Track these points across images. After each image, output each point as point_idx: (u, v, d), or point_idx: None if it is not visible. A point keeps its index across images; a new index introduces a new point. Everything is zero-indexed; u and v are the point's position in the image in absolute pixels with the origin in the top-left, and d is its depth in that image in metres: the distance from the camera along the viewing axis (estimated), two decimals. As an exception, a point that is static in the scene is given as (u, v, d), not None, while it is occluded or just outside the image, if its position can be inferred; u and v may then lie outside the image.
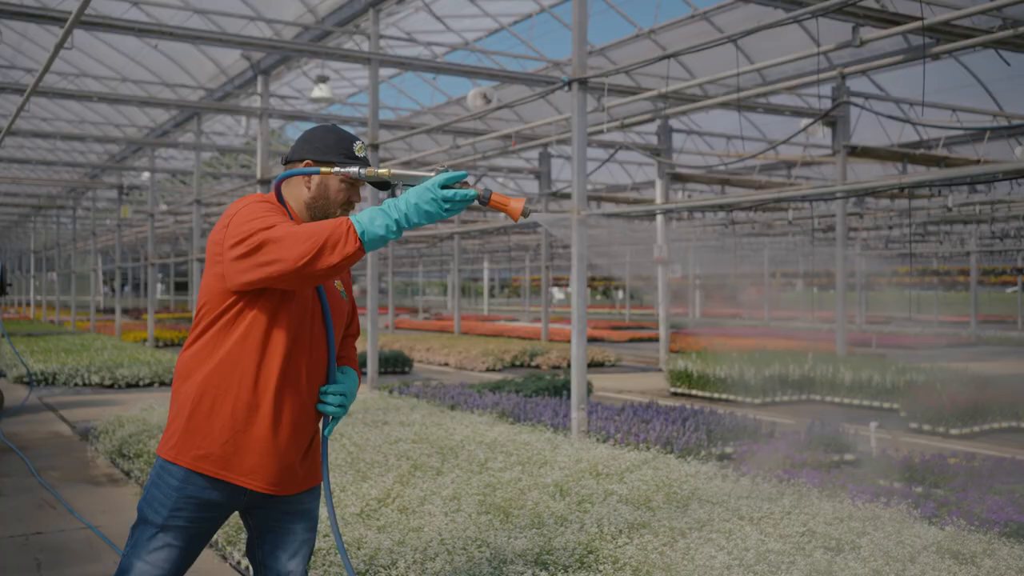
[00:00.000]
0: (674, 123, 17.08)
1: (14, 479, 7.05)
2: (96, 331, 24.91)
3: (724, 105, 12.75)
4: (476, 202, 2.36)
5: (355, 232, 2.32)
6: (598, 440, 7.26)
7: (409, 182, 2.49)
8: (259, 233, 2.39)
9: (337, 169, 2.58)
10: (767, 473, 5.94)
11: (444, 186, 2.34)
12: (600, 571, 3.82)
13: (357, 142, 2.72)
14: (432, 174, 2.39)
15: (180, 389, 2.62)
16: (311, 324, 2.68)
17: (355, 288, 4.30)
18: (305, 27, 12.56)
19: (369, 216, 2.35)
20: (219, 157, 27.33)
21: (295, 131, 33.76)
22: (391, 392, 10.39)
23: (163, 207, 24.17)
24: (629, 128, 15.83)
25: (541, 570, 3.83)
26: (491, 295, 59.32)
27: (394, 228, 2.33)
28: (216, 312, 2.59)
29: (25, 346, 17.70)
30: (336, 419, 2.75)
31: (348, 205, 2.72)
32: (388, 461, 5.96)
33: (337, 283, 2.83)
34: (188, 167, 19.89)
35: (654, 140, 16.62)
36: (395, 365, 15.98)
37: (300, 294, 2.63)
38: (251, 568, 2.87)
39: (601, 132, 15.89)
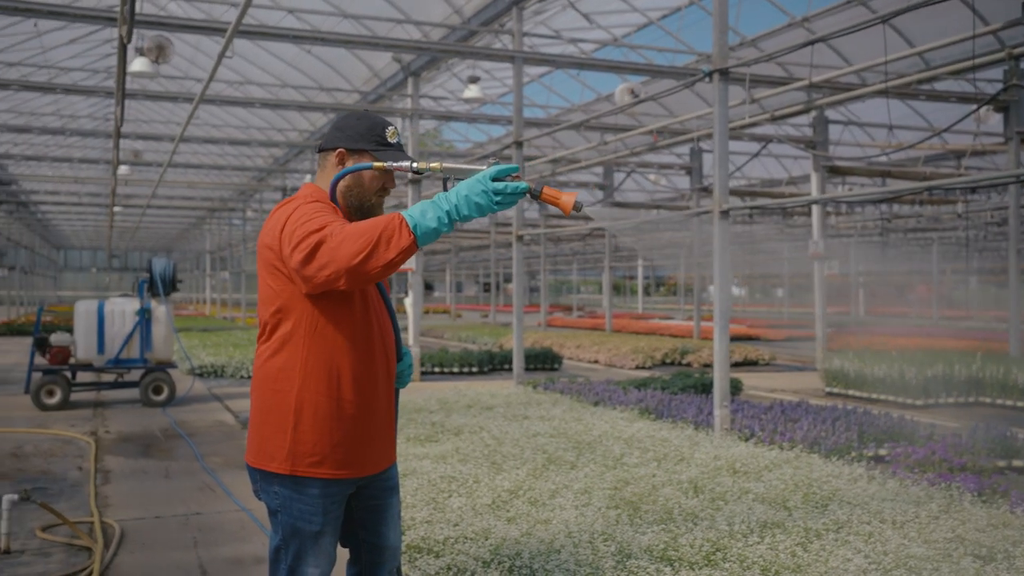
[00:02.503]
0: (831, 114, 16.44)
1: (181, 463, 7.51)
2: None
3: (881, 93, 12.15)
4: (528, 196, 2.33)
5: (408, 226, 2.30)
6: (741, 438, 7.08)
7: (460, 175, 2.47)
8: (312, 235, 2.40)
9: (390, 164, 2.58)
10: (918, 476, 5.64)
11: (495, 179, 2.31)
12: (726, 570, 3.73)
13: (389, 127, 2.71)
14: (483, 167, 2.36)
15: (273, 402, 2.64)
16: (376, 309, 2.73)
17: (510, 286, 4.33)
18: (451, 28, 12.80)
19: (420, 209, 2.33)
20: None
21: (450, 132, 34.55)
22: (535, 388, 10.46)
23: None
24: (782, 120, 15.36)
25: (666, 566, 3.77)
26: (646, 293, 58.77)
27: (446, 220, 2.31)
28: (292, 317, 2.62)
29: (199, 340, 18.82)
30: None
31: (383, 192, 2.72)
32: (524, 454, 6.01)
33: None
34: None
35: (810, 132, 16.04)
36: (544, 362, 16.07)
37: None
38: (349, 552, 2.94)
39: (753, 125, 15.51)
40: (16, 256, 38.49)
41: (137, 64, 13.73)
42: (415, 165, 2.55)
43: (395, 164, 2.58)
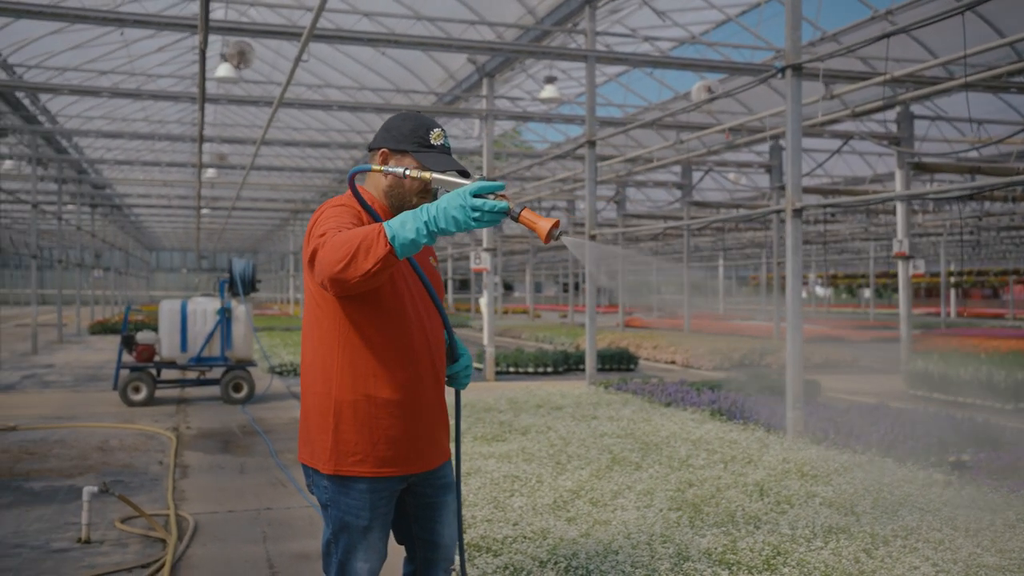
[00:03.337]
0: (917, 109, 15.96)
1: (256, 459, 7.69)
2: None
3: (969, 86, 11.74)
4: (508, 216, 2.26)
5: (385, 236, 2.29)
6: (813, 441, 6.93)
7: (446, 187, 2.47)
8: (316, 241, 2.45)
9: (386, 168, 2.57)
10: (998, 484, 5.44)
11: (478, 195, 2.26)
12: (785, 574, 3.66)
13: (435, 129, 2.71)
14: (468, 183, 2.34)
15: (313, 403, 2.71)
16: (419, 305, 2.74)
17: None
18: (524, 28, 12.82)
19: (401, 220, 2.32)
20: (457, 159, 28.44)
21: (529, 133, 34.61)
22: (606, 388, 10.42)
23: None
24: (864, 116, 14.97)
25: (723, 570, 3.72)
26: (728, 293, 57.93)
27: (424, 232, 2.28)
28: (327, 319, 2.68)
29: (280, 340, 19.24)
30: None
31: (425, 193, 2.72)
32: (590, 454, 5.99)
33: (430, 258, 2.88)
34: (422, 170, 20.83)
35: (895, 128, 15.60)
36: (619, 362, 15.98)
37: (399, 279, 2.68)
38: (405, 550, 2.97)
39: (834, 122, 15.15)
40: (111, 258, 39.95)
41: (221, 70, 14.12)
42: (407, 172, 2.54)
43: (390, 169, 2.57)
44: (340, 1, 14.54)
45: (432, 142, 2.70)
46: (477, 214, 2.24)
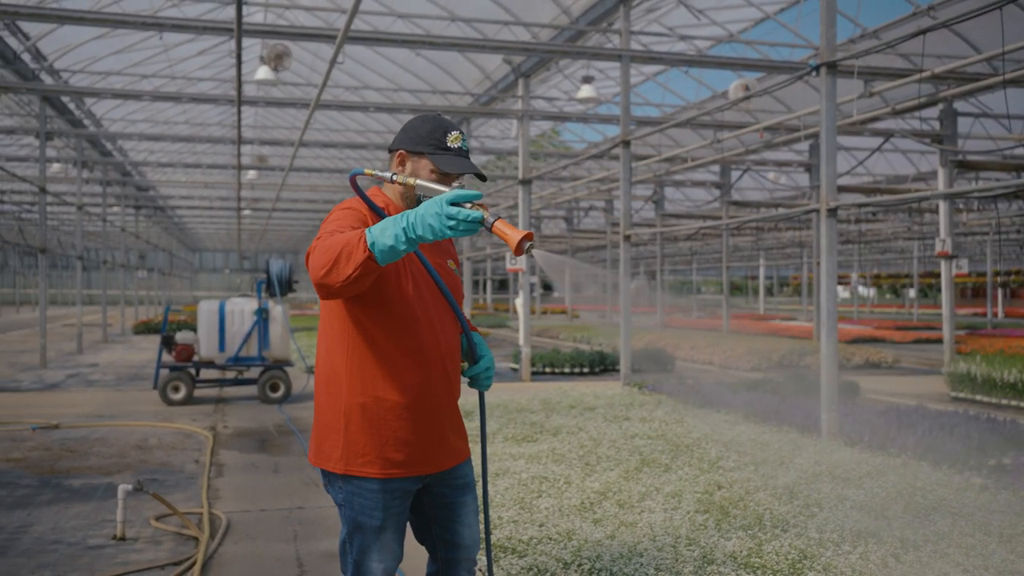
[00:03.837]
0: (962, 105, 15.69)
1: (290, 458, 7.77)
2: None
3: (1010, 83, 11.51)
4: (483, 226, 2.26)
5: (365, 243, 2.30)
6: (847, 443, 6.84)
7: (427, 193, 2.49)
8: (313, 244, 2.49)
9: (379, 173, 2.60)
10: (1037, 487, 5.34)
11: (455, 203, 2.26)
12: (810, 579, 3.62)
13: (452, 132, 2.71)
14: (447, 190, 2.35)
15: (325, 404, 2.75)
16: (431, 307, 2.74)
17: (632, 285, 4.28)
18: (559, 28, 12.80)
19: (381, 227, 2.32)
20: (495, 160, 28.50)
21: (567, 133, 34.53)
22: (640, 389, 10.37)
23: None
24: (906, 114, 14.74)
25: (748, 573, 3.69)
26: (769, 293, 57.33)
27: (403, 238, 2.27)
28: (336, 321, 2.72)
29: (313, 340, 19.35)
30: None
31: None
32: (619, 455, 5.97)
33: (449, 262, 2.88)
34: (459, 170, 20.88)
35: (938, 126, 15.34)
36: (656, 363, 15.87)
37: (408, 282, 2.70)
38: (427, 550, 2.98)
39: (875, 120, 14.95)
40: (155, 258, 40.56)
41: (260, 72, 14.27)
42: (395, 177, 2.57)
43: (380, 174, 2.60)
44: (376, 3, 14.63)
45: (449, 144, 2.69)
46: (452, 222, 2.23)
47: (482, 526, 3.24)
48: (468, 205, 2.26)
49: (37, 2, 12.43)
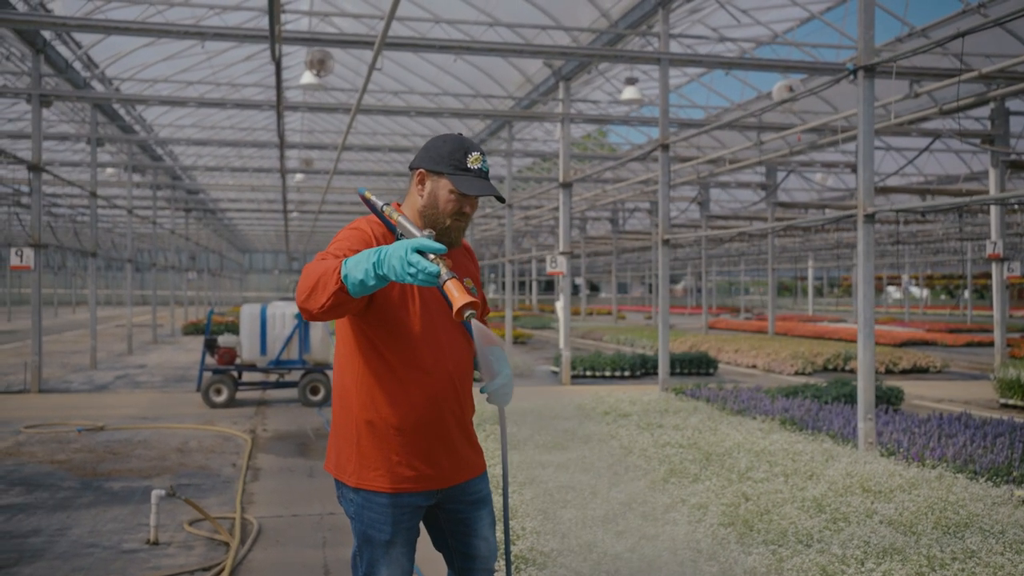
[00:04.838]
0: (1015, 104, 15.34)
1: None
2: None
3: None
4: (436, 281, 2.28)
5: (339, 274, 2.33)
6: (883, 454, 6.73)
7: (403, 231, 2.53)
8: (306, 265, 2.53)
9: (374, 199, 2.66)
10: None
11: (421, 252, 2.27)
12: (830, 597, 3.57)
13: (473, 153, 2.71)
14: (421, 234, 2.39)
15: (340, 417, 2.79)
16: (440, 324, 2.74)
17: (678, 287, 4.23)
18: (599, 32, 12.76)
19: (356, 260, 2.33)
20: (540, 162, 28.50)
21: (613, 135, 34.37)
22: (678, 394, 10.30)
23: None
24: (956, 114, 14.45)
25: (766, 590, 3.65)
26: (819, 294, 56.59)
27: (372, 274, 2.29)
28: (346, 337, 2.75)
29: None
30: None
31: (460, 215, 2.74)
32: (650, 464, 5.94)
33: (467, 280, 2.87)
34: (501, 173, 20.91)
35: (989, 125, 15.02)
36: (698, 366, 15.77)
37: (413, 301, 2.71)
38: (444, 559, 3.00)
39: (923, 120, 14.67)
40: (205, 260, 41.22)
41: (304, 78, 14.44)
42: (384, 207, 2.63)
43: (373, 199, 2.67)
44: (417, 8, 14.72)
45: (469, 165, 2.69)
46: (413, 270, 2.25)
47: (500, 535, 3.24)
48: (432, 257, 2.28)
49: (86, 13, 12.71)
